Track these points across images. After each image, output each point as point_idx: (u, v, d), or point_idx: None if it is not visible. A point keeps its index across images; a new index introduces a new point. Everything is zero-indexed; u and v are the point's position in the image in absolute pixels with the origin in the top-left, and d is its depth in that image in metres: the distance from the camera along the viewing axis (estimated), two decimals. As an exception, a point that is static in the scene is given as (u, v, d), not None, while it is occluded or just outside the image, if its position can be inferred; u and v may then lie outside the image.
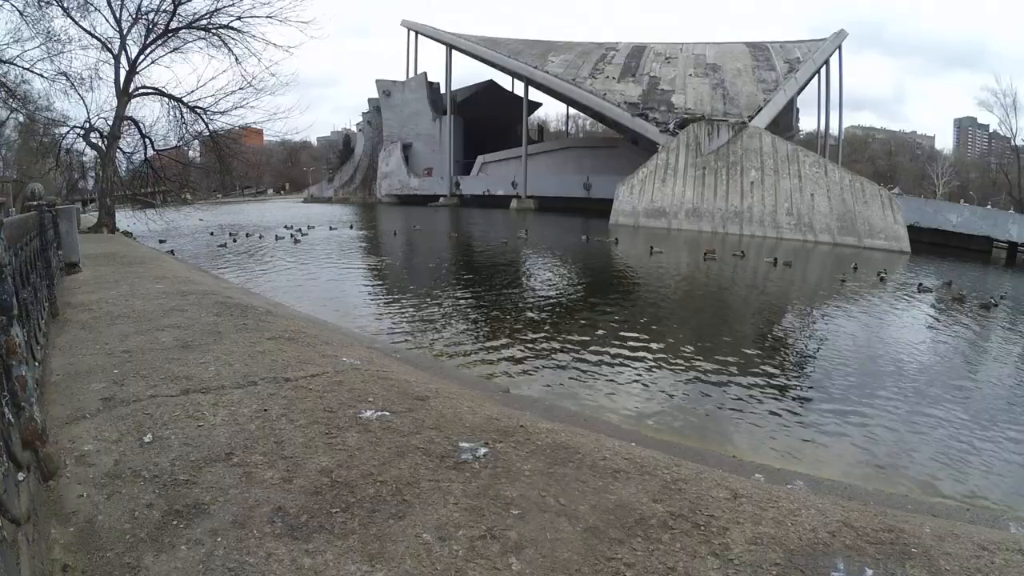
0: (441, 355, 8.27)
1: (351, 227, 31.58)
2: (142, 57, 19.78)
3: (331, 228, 28.07)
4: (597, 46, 49.05)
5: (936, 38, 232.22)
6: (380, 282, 15.32)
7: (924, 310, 13.30)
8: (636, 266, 18.95)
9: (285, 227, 27.57)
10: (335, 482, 2.84)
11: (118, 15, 19.18)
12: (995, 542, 2.69)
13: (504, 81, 57.96)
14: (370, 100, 61.74)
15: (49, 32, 18.98)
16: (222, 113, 20.37)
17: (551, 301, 13.08)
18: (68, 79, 19.50)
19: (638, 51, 46.72)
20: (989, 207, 35.80)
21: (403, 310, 11.45)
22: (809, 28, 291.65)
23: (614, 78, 43.53)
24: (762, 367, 8.21)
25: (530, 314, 11.38)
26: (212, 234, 25.09)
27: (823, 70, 44.51)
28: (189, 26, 19.87)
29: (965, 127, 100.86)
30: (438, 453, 3.25)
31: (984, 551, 2.57)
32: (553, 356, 8.37)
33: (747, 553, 2.44)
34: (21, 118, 23.11)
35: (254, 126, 24.80)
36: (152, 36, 19.65)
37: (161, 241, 20.58)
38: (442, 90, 56.07)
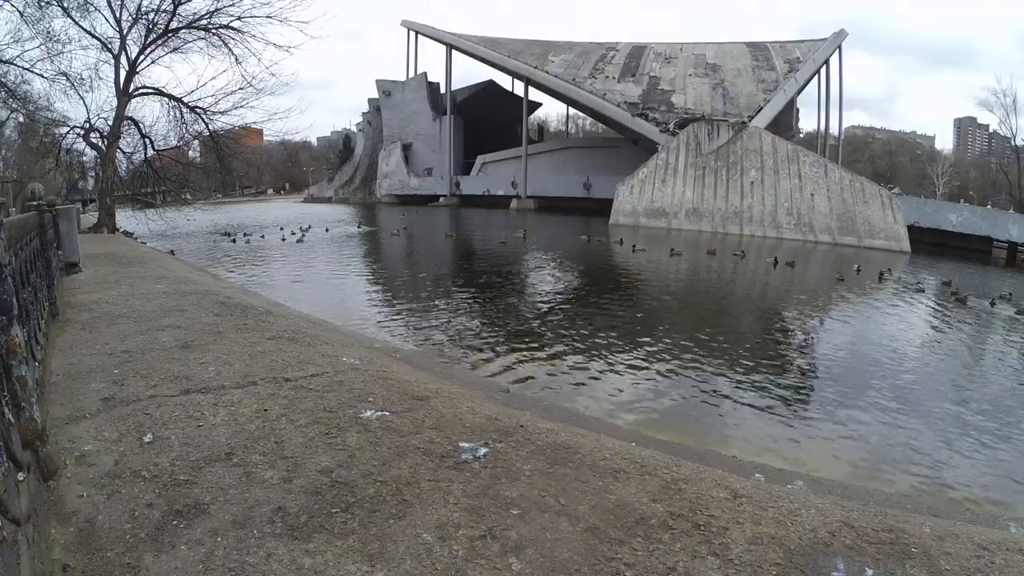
0: (441, 355, 8.26)
1: (359, 226, 31.53)
2: (142, 57, 19.78)
3: (326, 230, 27.66)
4: (597, 46, 49.02)
5: (924, 37, 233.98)
6: (380, 282, 15.32)
7: (923, 310, 13.30)
8: (635, 266, 18.96)
9: (280, 228, 27.47)
10: (335, 482, 2.84)
11: (118, 15, 19.19)
12: (995, 542, 2.69)
13: (504, 81, 57.95)
14: (370, 100, 61.69)
15: (49, 32, 18.98)
16: (222, 113, 20.35)
17: (551, 301, 13.08)
18: (68, 79, 19.48)
19: (638, 51, 46.69)
20: (989, 207, 35.82)
21: (403, 310, 11.45)
22: (800, 28, 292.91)
23: (614, 78, 43.49)
24: (762, 367, 8.21)
25: (530, 314, 11.38)
26: (227, 236, 24.70)
27: (823, 70, 44.48)
28: (189, 26, 19.85)
29: (965, 127, 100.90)
30: (438, 453, 3.25)
31: (984, 551, 2.57)
32: (553, 356, 8.37)
33: (747, 553, 2.44)
34: (21, 118, 23.13)
35: (254, 126, 24.80)
36: (152, 36, 19.64)
37: (142, 242, 19.93)
38: (442, 90, 56.03)
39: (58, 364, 4.51)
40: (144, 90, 20.32)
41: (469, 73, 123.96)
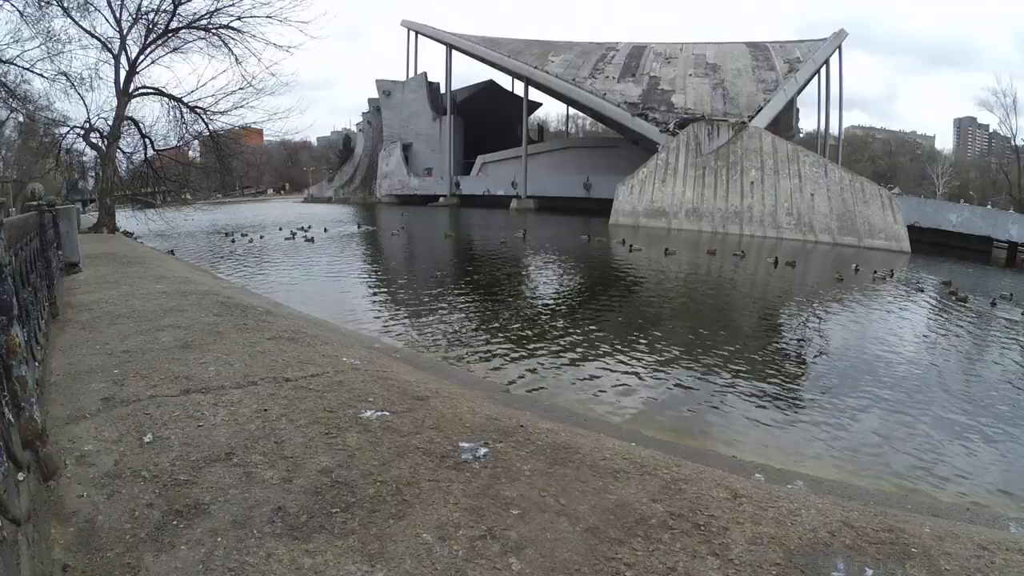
0: (441, 355, 8.26)
1: (358, 226, 31.53)
2: (142, 57, 19.79)
3: (325, 230, 27.24)
4: (597, 46, 49.02)
5: (924, 37, 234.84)
6: (379, 282, 15.32)
7: (923, 310, 13.30)
8: (635, 266, 18.96)
9: (279, 228, 27.50)
10: (335, 482, 2.84)
11: (118, 15, 19.20)
12: (995, 542, 2.69)
13: (504, 81, 57.94)
14: (370, 100, 61.69)
15: (49, 32, 18.99)
16: (222, 113, 20.35)
17: (551, 301, 13.08)
18: (68, 79, 19.49)
19: (638, 51, 46.69)
20: (989, 207, 35.83)
21: (403, 310, 11.45)
22: (800, 28, 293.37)
23: (614, 78, 43.49)
24: (762, 367, 8.21)
25: (530, 314, 11.38)
26: (226, 236, 24.68)
27: (823, 70, 44.48)
28: (189, 26, 19.85)
29: (965, 127, 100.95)
30: (438, 453, 3.25)
31: (984, 551, 2.57)
32: (553, 356, 8.37)
33: (747, 553, 2.44)
34: (21, 118, 23.12)
35: (254, 126, 24.81)
36: (152, 36, 19.66)
37: (142, 242, 19.78)
38: (442, 90, 56.03)
39: (58, 364, 4.51)
40: (144, 90, 20.35)
41: (469, 73, 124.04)
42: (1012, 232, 27.04)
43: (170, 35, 19.97)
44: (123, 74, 19.66)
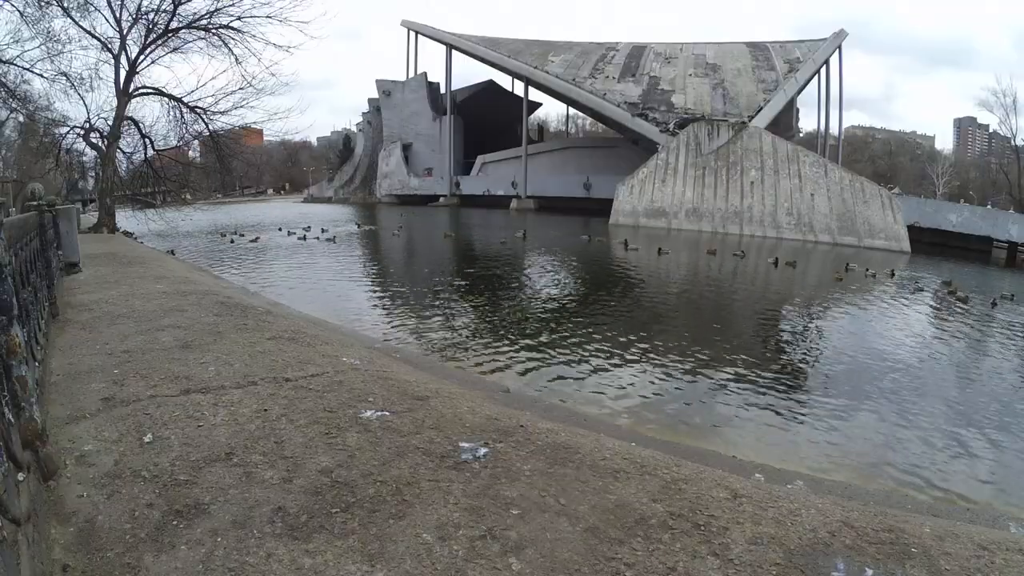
0: (441, 355, 8.26)
1: (358, 226, 31.54)
2: (142, 57, 19.80)
3: (323, 231, 26.70)
4: (597, 46, 49.02)
5: (923, 37, 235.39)
6: (379, 282, 15.32)
7: (923, 310, 13.30)
8: (635, 266, 18.96)
9: (279, 228, 27.57)
10: (335, 482, 2.84)
11: (118, 15, 19.20)
12: (995, 542, 2.69)
13: (504, 81, 57.95)
14: (370, 100, 61.69)
15: (49, 32, 18.99)
16: (222, 113, 20.36)
17: (551, 301, 13.08)
18: (68, 79, 19.49)
19: (638, 51, 46.69)
20: (989, 207, 35.85)
21: (403, 310, 11.45)
22: (800, 28, 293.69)
23: (614, 78, 43.48)
24: (762, 367, 8.20)
25: (530, 314, 11.37)
26: (223, 236, 24.67)
27: (823, 70, 44.48)
28: (189, 26, 19.86)
29: (965, 127, 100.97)
30: (438, 453, 3.25)
31: (984, 551, 2.57)
32: (553, 356, 8.37)
33: (747, 553, 2.44)
34: (21, 118, 23.13)
35: (254, 126, 24.81)
36: (152, 36, 19.66)
37: (142, 242, 19.61)
38: (442, 90, 56.03)
39: (58, 364, 4.51)
40: (144, 90, 20.35)
41: (469, 73, 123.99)
42: (1012, 232, 27.03)
43: (170, 35, 19.98)
44: (123, 74, 19.68)
